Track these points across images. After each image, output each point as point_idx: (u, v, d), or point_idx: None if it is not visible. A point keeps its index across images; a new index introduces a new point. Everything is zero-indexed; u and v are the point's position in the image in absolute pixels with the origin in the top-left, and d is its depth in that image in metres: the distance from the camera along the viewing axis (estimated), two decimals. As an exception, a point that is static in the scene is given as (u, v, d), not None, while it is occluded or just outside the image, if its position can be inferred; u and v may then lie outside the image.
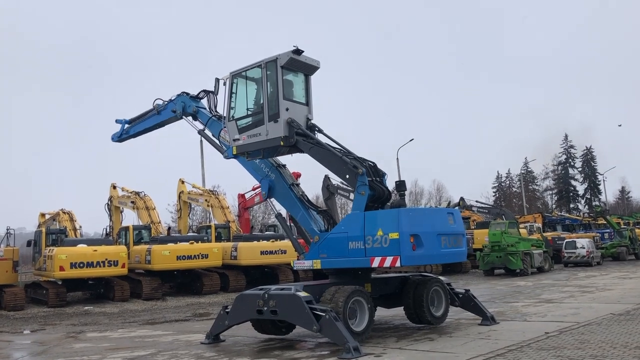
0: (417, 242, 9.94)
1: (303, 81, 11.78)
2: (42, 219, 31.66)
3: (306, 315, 9.31)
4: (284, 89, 11.13)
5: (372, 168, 10.95)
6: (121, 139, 16.10)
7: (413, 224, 10.05)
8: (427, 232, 10.21)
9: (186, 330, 13.69)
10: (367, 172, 10.59)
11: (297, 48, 11.12)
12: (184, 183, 31.02)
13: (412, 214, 10.53)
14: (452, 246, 10.90)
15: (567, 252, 34.00)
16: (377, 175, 11.01)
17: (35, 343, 12.87)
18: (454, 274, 30.87)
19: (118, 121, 15.93)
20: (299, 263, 11.45)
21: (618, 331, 9.92)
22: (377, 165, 11.12)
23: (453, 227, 11.05)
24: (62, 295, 20.68)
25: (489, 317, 11.70)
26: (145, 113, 15.17)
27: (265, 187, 12.13)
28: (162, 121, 14.73)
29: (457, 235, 11.17)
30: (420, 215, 10.97)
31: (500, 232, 29.01)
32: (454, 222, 11.15)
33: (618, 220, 46.87)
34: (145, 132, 15.54)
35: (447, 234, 10.76)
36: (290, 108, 11.17)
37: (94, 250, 20.79)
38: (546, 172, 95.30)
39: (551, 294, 17.64)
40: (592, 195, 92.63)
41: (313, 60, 11.68)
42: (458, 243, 11.13)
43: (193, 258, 22.78)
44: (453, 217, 11.24)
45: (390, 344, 9.85)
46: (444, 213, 11.39)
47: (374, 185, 10.61)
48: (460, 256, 11.36)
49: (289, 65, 11.24)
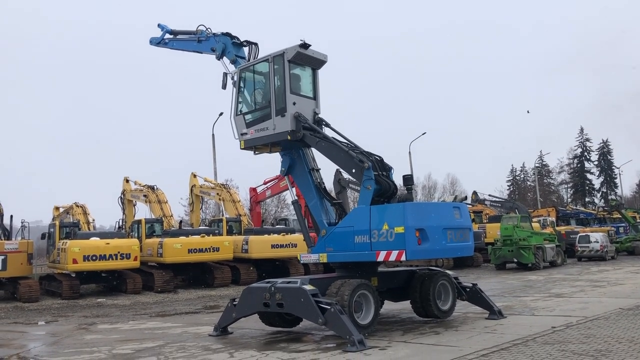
0: (422, 237, 9.95)
1: (311, 75, 11.82)
2: (56, 212, 32.14)
3: (312, 309, 9.39)
4: (291, 83, 11.19)
5: (378, 162, 10.98)
6: (158, 45, 15.70)
7: (418, 218, 10.06)
8: (432, 226, 10.19)
9: (195, 322, 13.84)
10: (373, 166, 10.61)
11: (304, 42, 11.17)
12: (196, 177, 31.28)
13: (418, 208, 10.56)
14: (459, 240, 10.90)
15: (581, 246, 33.75)
16: (384, 169, 11.04)
17: (49, 334, 13.11)
18: (465, 267, 30.80)
19: (160, 26, 15.56)
20: (306, 256, 11.52)
21: (625, 326, 9.87)
22: (383, 160, 11.15)
23: (459, 221, 11.05)
24: (75, 287, 20.96)
25: (496, 311, 11.69)
26: (187, 32, 14.76)
27: (286, 163, 11.83)
28: (198, 51, 14.37)
29: (464, 229, 11.15)
30: (426, 210, 10.94)
31: (512, 226, 28.87)
32: (461, 216, 11.16)
33: (634, 214, 46.27)
34: (182, 51, 15.17)
35: (454, 228, 10.75)
36: (297, 102, 11.22)
37: (106, 244, 21.03)
38: (561, 165, 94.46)
39: (561, 289, 17.56)
40: (608, 189, 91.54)
41: (320, 54, 11.69)
42: (465, 237, 11.12)
43: (204, 251, 22.96)
44: (460, 211, 11.21)
45: (396, 337, 9.90)
46: (450, 207, 11.33)
47: (380, 179, 10.64)
48: (467, 250, 11.33)
49: (295, 60, 11.30)
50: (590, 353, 7.70)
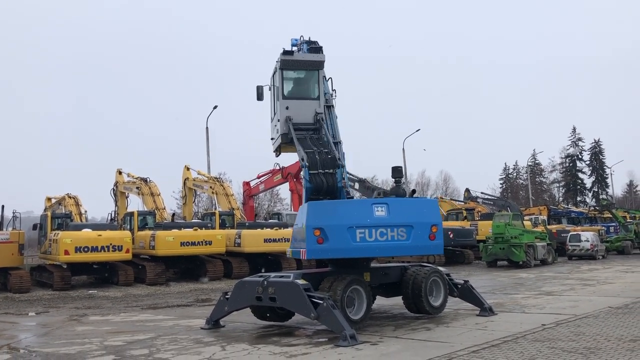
0: (323, 236, 9.99)
1: (314, 76, 12.11)
2: (48, 203, 32.01)
3: (304, 303, 9.43)
4: (283, 88, 11.92)
5: (327, 160, 11.04)
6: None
7: (318, 217, 10.17)
8: (333, 225, 10.06)
9: (187, 315, 13.85)
10: (314, 164, 10.90)
11: (284, 49, 11.79)
12: (190, 170, 31.23)
13: (319, 206, 10.47)
14: (386, 239, 10.26)
15: (572, 245, 33.95)
16: (331, 167, 11.00)
17: (39, 325, 13.08)
18: (457, 264, 30.94)
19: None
20: (288, 251, 11.84)
21: (614, 324, 9.97)
22: (336, 158, 11.09)
23: (384, 218, 10.31)
24: (67, 278, 20.91)
25: (487, 308, 11.77)
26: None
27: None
28: None
29: (396, 227, 10.32)
30: (329, 208, 10.45)
31: (503, 224, 29.00)
32: (388, 212, 10.37)
33: (624, 214, 46.63)
34: None
35: (372, 227, 10.22)
36: (292, 106, 11.80)
37: (98, 235, 20.99)
38: (553, 164, 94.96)
39: (552, 287, 17.68)
40: (600, 188, 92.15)
41: (313, 56, 12.01)
42: (400, 236, 10.33)
43: (197, 244, 22.97)
44: (386, 207, 10.41)
45: (388, 332, 9.95)
46: (368, 204, 10.56)
47: (314, 178, 10.90)
48: (404, 250, 10.67)
49: (286, 66, 11.97)
50: (580, 350, 7.78)
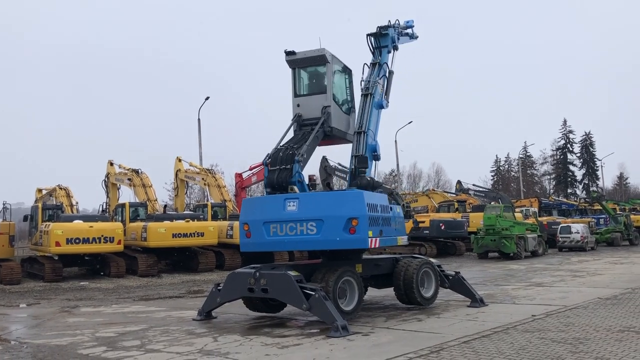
0: (250, 230, 10.65)
1: (324, 72, 12.17)
2: (39, 194, 31.83)
3: (296, 294, 9.45)
4: (296, 87, 12.21)
5: (285, 156, 11.05)
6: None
7: (246, 213, 10.86)
8: (253, 220, 10.68)
9: (179, 306, 13.85)
10: (273, 161, 11.04)
11: (286, 50, 12.03)
12: (181, 161, 31.10)
13: (249, 203, 11.23)
14: (297, 234, 10.14)
15: (562, 236, 34.22)
16: (288, 162, 10.96)
17: (30, 317, 13.04)
18: (448, 256, 31.12)
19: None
20: None
21: (603, 315, 10.07)
22: (294, 154, 10.97)
23: (294, 213, 10.19)
24: (58, 270, 20.83)
25: (478, 299, 11.84)
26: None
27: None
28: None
29: (306, 221, 10.09)
30: (254, 204, 11.27)
31: (495, 216, 29.16)
32: (298, 207, 10.22)
33: (614, 206, 46.98)
34: None
35: (283, 221, 10.24)
36: (302, 103, 12.07)
37: (90, 227, 20.91)
38: (544, 157, 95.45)
39: (542, 278, 17.83)
40: (590, 180, 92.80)
41: (313, 52, 12.01)
42: (310, 230, 10.06)
43: (189, 236, 22.93)
44: (297, 202, 10.27)
45: (379, 323, 10.00)
46: (280, 200, 10.47)
47: (270, 174, 11.03)
48: (314, 244, 10.37)
49: (293, 65, 12.17)
50: (569, 341, 7.86)
